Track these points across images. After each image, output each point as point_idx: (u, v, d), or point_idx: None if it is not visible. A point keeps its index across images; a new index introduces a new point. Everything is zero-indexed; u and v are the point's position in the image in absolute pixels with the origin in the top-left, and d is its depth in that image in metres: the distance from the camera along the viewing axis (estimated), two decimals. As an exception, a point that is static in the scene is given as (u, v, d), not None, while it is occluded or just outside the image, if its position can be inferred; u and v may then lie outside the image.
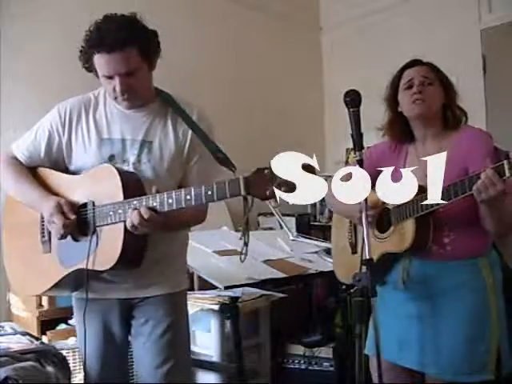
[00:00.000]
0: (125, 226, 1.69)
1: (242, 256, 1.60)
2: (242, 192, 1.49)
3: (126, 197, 1.71)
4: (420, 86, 1.90)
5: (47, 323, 2.89)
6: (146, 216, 1.63)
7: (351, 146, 1.69)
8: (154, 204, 1.65)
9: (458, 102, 1.96)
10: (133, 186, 1.76)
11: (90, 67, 1.82)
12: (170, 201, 1.62)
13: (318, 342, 3.24)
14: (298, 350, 3.22)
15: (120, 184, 1.73)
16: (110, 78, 1.77)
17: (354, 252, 2.07)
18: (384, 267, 1.94)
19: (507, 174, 1.53)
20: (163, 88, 1.98)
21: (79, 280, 1.81)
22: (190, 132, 1.87)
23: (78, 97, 1.94)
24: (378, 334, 1.54)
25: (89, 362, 1.91)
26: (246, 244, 1.60)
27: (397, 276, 1.92)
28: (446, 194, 1.66)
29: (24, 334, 2.45)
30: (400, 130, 1.99)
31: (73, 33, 3.46)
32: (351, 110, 1.68)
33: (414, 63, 1.97)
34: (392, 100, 2.00)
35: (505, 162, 1.54)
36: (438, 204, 1.69)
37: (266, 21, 4.58)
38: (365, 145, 1.68)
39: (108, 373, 1.93)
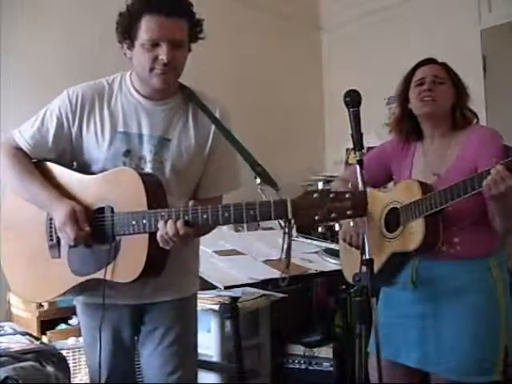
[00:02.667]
0: (149, 237, 1.57)
1: (282, 282, 1.50)
2: (290, 215, 1.40)
3: (150, 205, 1.58)
4: (431, 84, 1.91)
5: (47, 323, 2.89)
6: (181, 231, 1.51)
7: (351, 145, 1.68)
8: (186, 218, 1.52)
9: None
10: (156, 192, 1.63)
11: (128, 33, 1.64)
12: (205, 216, 1.51)
13: (318, 341, 3.23)
14: (298, 350, 3.22)
15: (143, 191, 1.59)
16: (155, 45, 1.61)
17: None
18: (393, 267, 1.94)
19: None
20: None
21: (89, 287, 1.72)
22: (211, 131, 1.77)
23: (90, 83, 1.77)
24: (378, 333, 1.54)
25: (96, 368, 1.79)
26: (287, 267, 1.47)
27: (406, 276, 1.92)
28: (455, 191, 1.69)
29: (24, 333, 2.45)
30: (408, 128, 2.01)
31: (74, 33, 3.50)
32: (351, 109, 1.67)
33: (428, 61, 1.98)
34: (403, 97, 2.01)
35: None
36: (446, 202, 1.72)
37: (266, 20, 4.57)
38: (365, 145, 1.68)
39: (116, 378, 1.86)
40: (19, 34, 3.27)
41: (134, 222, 1.58)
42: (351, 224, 1.98)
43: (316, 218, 1.38)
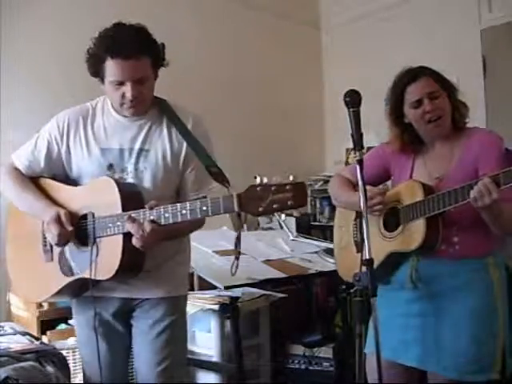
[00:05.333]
0: (123, 238, 1.73)
1: (233, 268, 1.73)
2: (236, 209, 1.54)
3: (124, 208, 1.75)
4: (430, 104, 1.88)
5: (47, 323, 2.89)
6: (147, 228, 1.67)
7: (351, 145, 1.68)
8: (152, 218, 1.69)
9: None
10: (131, 197, 1.79)
11: (96, 72, 1.83)
12: (167, 215, 1.67)
13: (318, 341, 3.23)
14: (298, 350, 3.22)
15: (118, 196, 1.77)
16: (120, 84, 1.79)
17: (359, 251, 2.04)
18: (390, 266, 1.94)
19: (502, 185, 1.61)
20: (163, 85, 1.98)
21: (80, 288, 1.87)
22: (183, 150, 1.91)
23: (76, 107, 1.97)
24: (378, 333, 1.54)
25: (90, 364, 1.94)
26: (237, 258, 1.69)
27: (404, 275, 1.92)
28: (460, 195, 1.71)
29: (24, 333, 2.45)
30: (408, 141, 1.99)
31: (74, 34, 3.50)
32: (351, 109, 1.67)
33: (415, 77, 1.92)
34: (397, 114, 1.98)
35: (501, 174, 1.62)
36: (450, 205, 1.74)
37: (266, 20, 4.58)
38: (365, 145, 1.68)
39: (110, 374, 1.95)
40: (18, 34, 3.27)
41: (110, 225, 1.76)
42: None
43: (260, 209, 1.52)
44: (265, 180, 3.40)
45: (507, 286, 1.91)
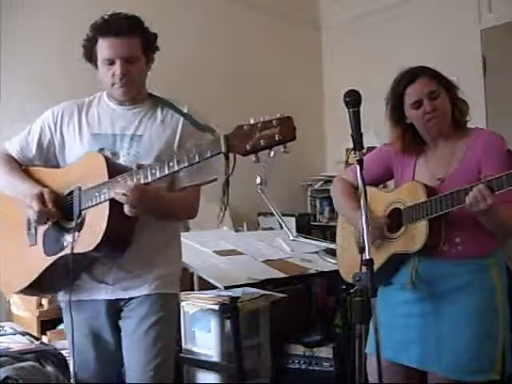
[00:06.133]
0: (109, 204, 1.70)
1: (219, 218, 1.61)
2: (223, 149, 1.49)
3: (110, 175, 1.72)
4: (430, 105, 1.88)
5: (47, 323, 2.89)
6: (132, 186, 1.64)
7: (351, 145, 1.68)
8: (139, 177, 1.66)
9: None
10: (117, 166, 1.79)
11: (91, 56, 1.88)
12: (154, 171, 1.64)
13: (318, 341, 3.23)
14: (298, 350, 3.21)
15: (105, 164, 1.76)
16: (111, 63, 1.83)
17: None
18: (392, 267, 1.95)
19: (496, 191, 1.64)
20: (163, 85, 1.99)
21: (64, 274, 1.80)
22: (180, 125, 1.90)
23: (73, 100, 2.00)
24: (379, 334, 1.54)
25: (79, 366, 1.91)
26: (224, 206, 1.57)
27: (405, 276, 1.93)
28: (462, 196, 1.72)
29: (24, 333, 2.45)
30: (410, 141, 1.98)
31: (73, 32, 3.47)
32: (351, 109, 1.67)
33: (415, 77, 1.92)
34: (398, 116, 1.98)
35: (494, 180, 1.64)
36: (453, 206, 1.75)
37: (266, 20, 4.58)
38: (365, 145, 1.68)
39: (101, 377, 1.92)
40: (18, 34, 3.27)
41: (96, 194, 1.74)
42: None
43: (247, 147, 1.46)
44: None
45: (507, 287, 1.92)
